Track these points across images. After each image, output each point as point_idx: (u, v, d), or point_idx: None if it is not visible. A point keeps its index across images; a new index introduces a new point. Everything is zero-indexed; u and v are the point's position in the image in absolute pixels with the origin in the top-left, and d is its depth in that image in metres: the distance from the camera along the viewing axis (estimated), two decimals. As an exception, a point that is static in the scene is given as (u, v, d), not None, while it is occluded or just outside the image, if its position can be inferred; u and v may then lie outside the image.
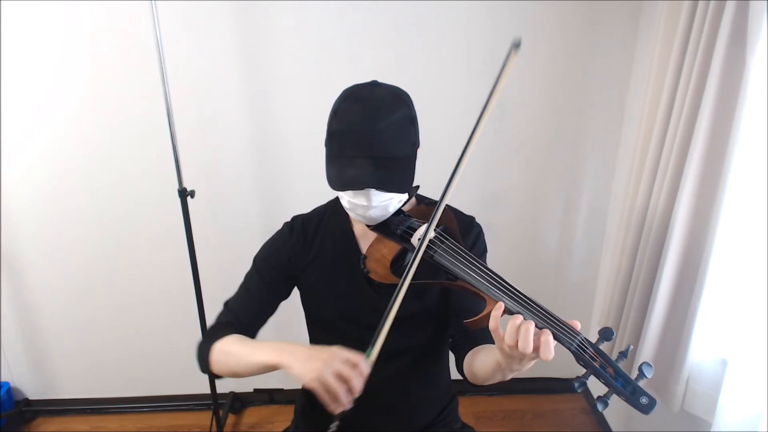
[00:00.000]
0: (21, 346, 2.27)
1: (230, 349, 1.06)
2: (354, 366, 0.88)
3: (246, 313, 1.17)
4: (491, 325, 0.84)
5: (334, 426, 0.90)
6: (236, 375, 1.07)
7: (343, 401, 0.87)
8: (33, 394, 2.38)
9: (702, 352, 1.46)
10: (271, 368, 0.98)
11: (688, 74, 1.38)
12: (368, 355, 0.91)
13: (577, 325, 0.83)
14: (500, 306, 0.85)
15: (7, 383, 2.32)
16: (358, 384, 0.87)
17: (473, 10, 1.85)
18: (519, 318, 0.82)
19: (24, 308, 2.21)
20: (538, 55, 1.92)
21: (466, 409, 2.22)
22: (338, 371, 0.87)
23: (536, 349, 0.80)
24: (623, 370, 0.80)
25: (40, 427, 2.33)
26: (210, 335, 1.12)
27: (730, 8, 1.22)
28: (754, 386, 1.31)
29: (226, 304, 1.20)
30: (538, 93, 1.97)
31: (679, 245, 1.44)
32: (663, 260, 1.47)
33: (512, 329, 0.81)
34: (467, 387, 1.15)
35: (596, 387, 2.63)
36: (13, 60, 1.85)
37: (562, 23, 1.88)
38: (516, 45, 0.92)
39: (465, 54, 1.91)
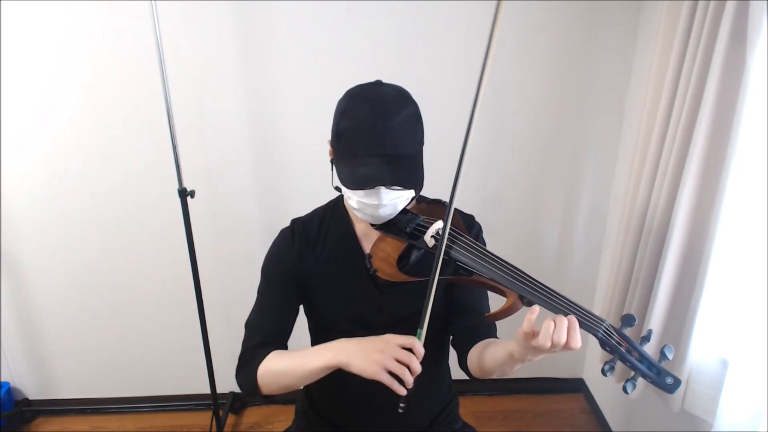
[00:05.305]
0: (21, 346, 2.27)
1: (279, 368, 1.06)
2: (410, 348, 0.92)
3: (271, 328, 1.16)
4: (525, 327, 0.84)
5: (401, 407, 0.94)
6: (290, 389, 1.08)
7: (408, 383, 0.91)
8: (33, 394, 2.38)
9: (702, 352, 1.46)
10: (329, 371, 1.00)
11: (688, 74, 1.38)
12: (419, 336, 0.94)
13: None
14: (535, 310, 0.85)
15: (7, 383, 2.32)
16: (417, 365, 0.91)
17: (473, 10, 1.85)
18: (551, 322, 0.83)
19: (24, 308, 2.21)
20: (538, 55, 1.92)
21: (466, 409, 2.22)
22: (397, 357, 0.91)
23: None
24: (647, 353, 0.83)
25: (40, 427, 2.33)
26: (247, 361, 1.11)
27: (730, 8, 1.22)
28: (754, 386, 1.31)
29: (247, 325, 1.18)
30: (538, 93, 1.97)
31: (679, 245, 1.44)
32: (663, 260, 1.47)
33: (547, 331, 0.82)
34: (467, 387, 1.15)
35: (598, 385, 2.60)
36: (12, 60, 1.85)
37: (562, 23, 1.88)
38: None
39: (465, 54, 1.91)
